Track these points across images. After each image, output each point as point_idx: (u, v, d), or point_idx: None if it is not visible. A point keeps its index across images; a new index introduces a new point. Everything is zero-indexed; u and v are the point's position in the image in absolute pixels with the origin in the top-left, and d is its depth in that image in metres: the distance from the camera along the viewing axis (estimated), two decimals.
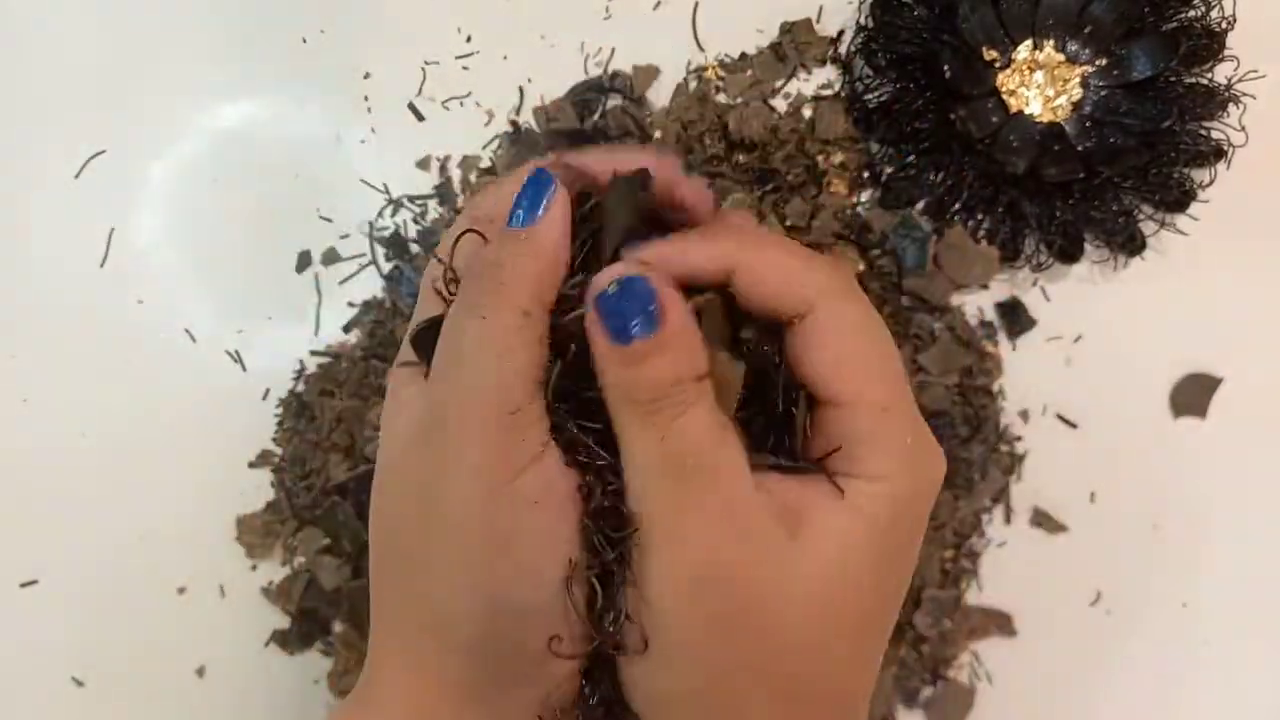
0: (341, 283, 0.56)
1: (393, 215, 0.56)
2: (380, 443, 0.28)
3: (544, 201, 0.26)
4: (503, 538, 0.25)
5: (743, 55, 0.58)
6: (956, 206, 0.54)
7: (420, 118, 0.57)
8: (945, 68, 0.52)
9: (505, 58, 0.58)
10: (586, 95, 0.56)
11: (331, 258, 0.56)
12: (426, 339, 0.28)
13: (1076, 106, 0.55)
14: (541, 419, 0.26)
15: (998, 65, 0.55)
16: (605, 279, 0.25)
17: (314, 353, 0.55)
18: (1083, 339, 0.55)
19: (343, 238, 0.56)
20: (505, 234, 0.26)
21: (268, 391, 0.55)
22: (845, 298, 0.27)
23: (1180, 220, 0.55)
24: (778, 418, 0.28)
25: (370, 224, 0.56)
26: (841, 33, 0.57)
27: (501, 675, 0.26)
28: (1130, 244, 0.54)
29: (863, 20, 0.56)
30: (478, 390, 0.25)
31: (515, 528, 0.25)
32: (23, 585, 0.54)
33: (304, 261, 0.56)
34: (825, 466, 0.27)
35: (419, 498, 0.26)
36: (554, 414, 0.26)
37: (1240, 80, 0.55)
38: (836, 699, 0.27)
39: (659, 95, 0.57)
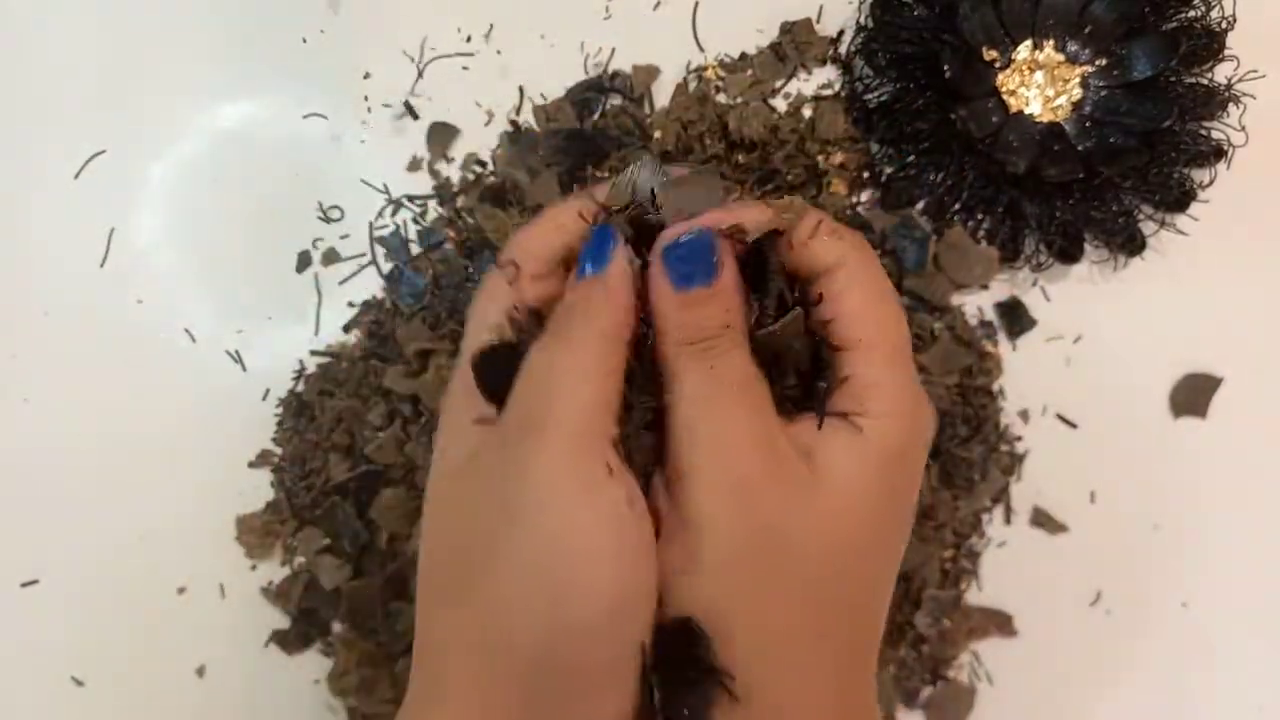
0: (341, 283, 0.56)
1: (393, 215, 0.56)
2: (436, 465, 0.30)
3: (609, 252, 0.29)
4: (579, 553, 0.26)
5: (743, 55, 0.58)
6: (956, 206, 0.54)
7: (418, 117, 0.57)
8: (945, 68, 0.52)
9: (505, 58, 0.58)
10: (586, 95, 0.56)
11: (331, 258, 0.56)
12: (490, 365, 0.29)
13: (1076, 106, 0.55)
14: (617, 444, 0.28)
15: (998, 65, 0.55)
16: (673, 234, 0.30)
17: (314, 353, 0.55)
18: (1083, 339, 0.55)
19: (343, 238, 0.56)
20: (581, 282, 0.29)
21: (267, 391, 0.55)
22: (870, 258, 0.31)
23: (1180, 220, 0.55)
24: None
25: (370, 224, 0.56)
26: (841, 32, 0.58)
27: (562, 695, 0.26)
28: (1130, 244, 0.54)
29: (863, 20, 0.56)
30: (567, 412, 0.27)
31: (591, 545, 0.26)
32: (23, 585, 0.54)
33: (304, 261, 0.56)
34: (839, 408, 0.30)
35: (487, 520, 0.26)
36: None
37: (1240, 80, 0.55)
38: (855, 614, 0.29)
39: (659, 95, 0.57)
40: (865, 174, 0.56)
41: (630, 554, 0.26)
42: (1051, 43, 0.56)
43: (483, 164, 0.57)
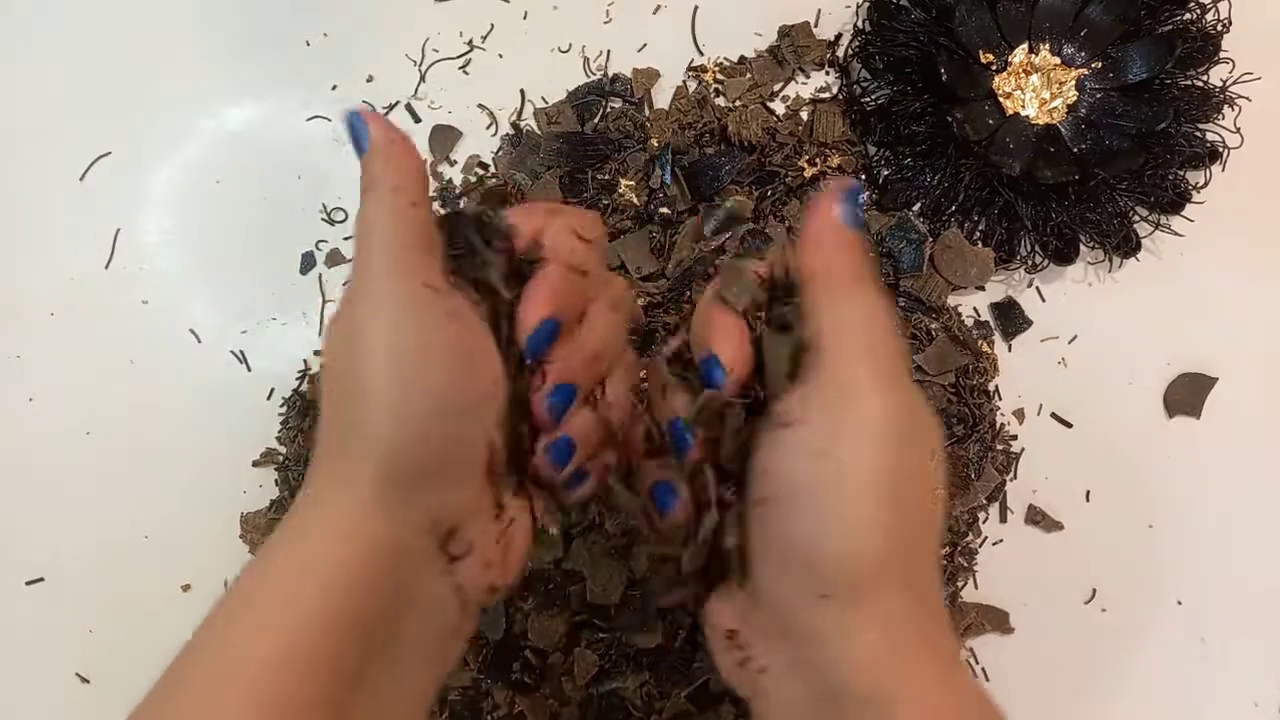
0: (345, 284, 0.56)
1: None
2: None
3: (364, 135, 0.34)
4: (420, 348, 0.30)
5: (741, 59, 0.58)
6: (953, 208, 0.55)
7: (420, 120, 0.58)
8: (942, 71, 0.52)
9: (507, 62, 0.58)
10: (587, 98, 0.57)
11: (335, 259, 0.57)
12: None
13: (1072, 109, 0.56)
14: (446, 273, 0.32)
15: (994, 68, 0.56)
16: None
17: (318, 352, 0.56)
18: (1078, 339, 0.56)
19: (346, 239, 0.57)
20: (363, 156, 0.34)
21: (272, 391, 0.56)
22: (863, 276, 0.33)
23: (1175, 221, 0.56)
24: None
25: None
26: (839, 36, 0.58)
27: (411, 484, 0.30)
28: (1125, 245, 0.55)
29: (860, 24, 0.56)
30: (376, 253, 0.31)
31: (437, 336, 0.30)
32: (29, 583, 0.54)
33: (308, 263, 0.57)
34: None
35: (342, 348, 0.31)
36: None
37: (1235, 83, 0.55)
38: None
39: (659, 98, 0.58)
40: (862, 176, 0.56)
41: (459, 354, 0.30)
42: (1047, 46, 0.56)
43: (485, 166, 0.57)
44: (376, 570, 0.29)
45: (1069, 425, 0.55)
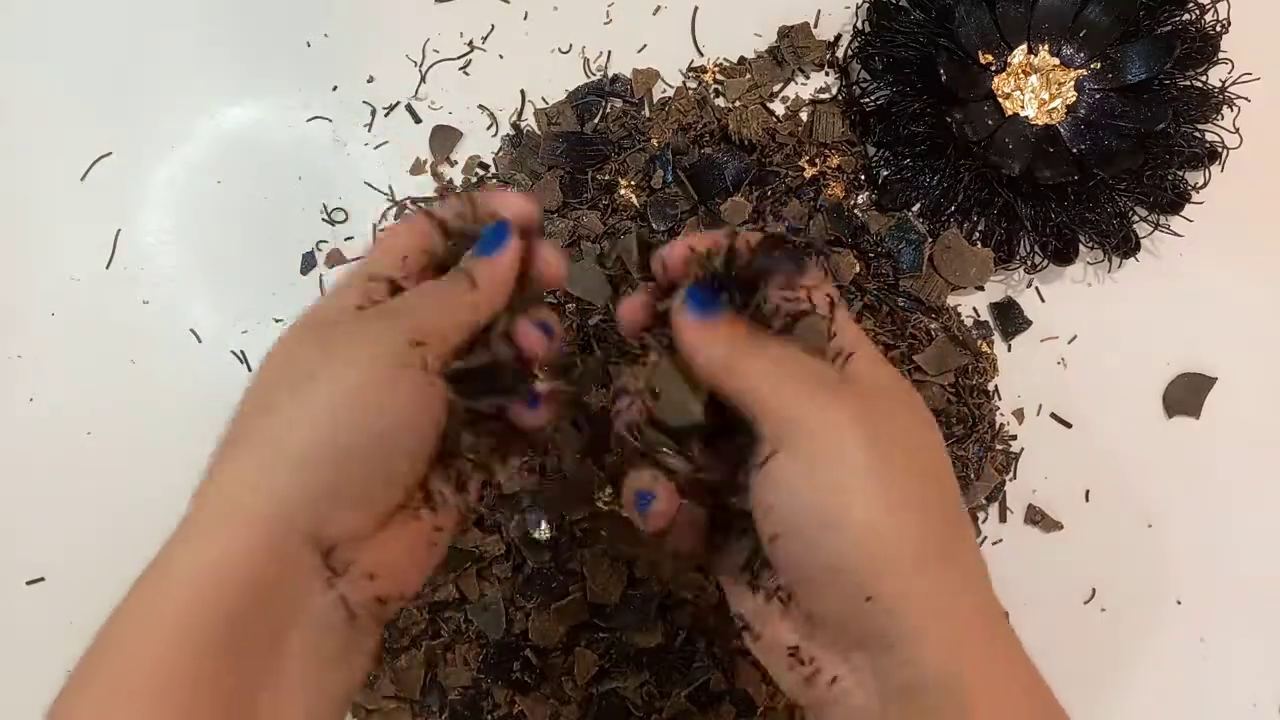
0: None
1: (396, 217, 0.57)
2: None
3: (505, 243, 0.35)
4: (371, 397, 0.31)
5: (741, 59, 0.58)
6: (952, 209, 0.55)
7: (421, 121, 0.58)
8: (941, 72, 0.52)
9: (507, 62, 0.59)
10: (587, 98, 0.57)
11: (336, 259, 0.57)
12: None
13: (1071, 109, 0.56)
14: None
15: (993, 69, 0.56)
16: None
17: None
18: (1077, 339, 0.56)
19: (347, 240, 0.57)
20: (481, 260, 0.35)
21: None
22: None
23: (1174, 222, 0.56)
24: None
25: (374, 226, 0.57)
26: (839, 37, 0.58)
27: (352, 487, 0.31)
28: (1124, 245, 0.55)
29: (860, 25, 0.56)
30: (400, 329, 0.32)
31: (382, 394, 0.31)
32: (29, 582, 0.54)
33: (308, 263, 0.57)
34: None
35: (308, 357, 0.32)
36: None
37: (1234, 83, 0.55)
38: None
39: (659, 98, 0.58)
40: (862, 176, 0.56)
41: (397, 407, 0.31)
42: (1046, 46, 0.56)
43: (485, 166, 0.57)
44: (252, 569, 0.29)
45: (1069, 425, 0.55)
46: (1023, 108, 0.55)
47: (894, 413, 0.31)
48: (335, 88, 0.58)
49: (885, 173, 0.56)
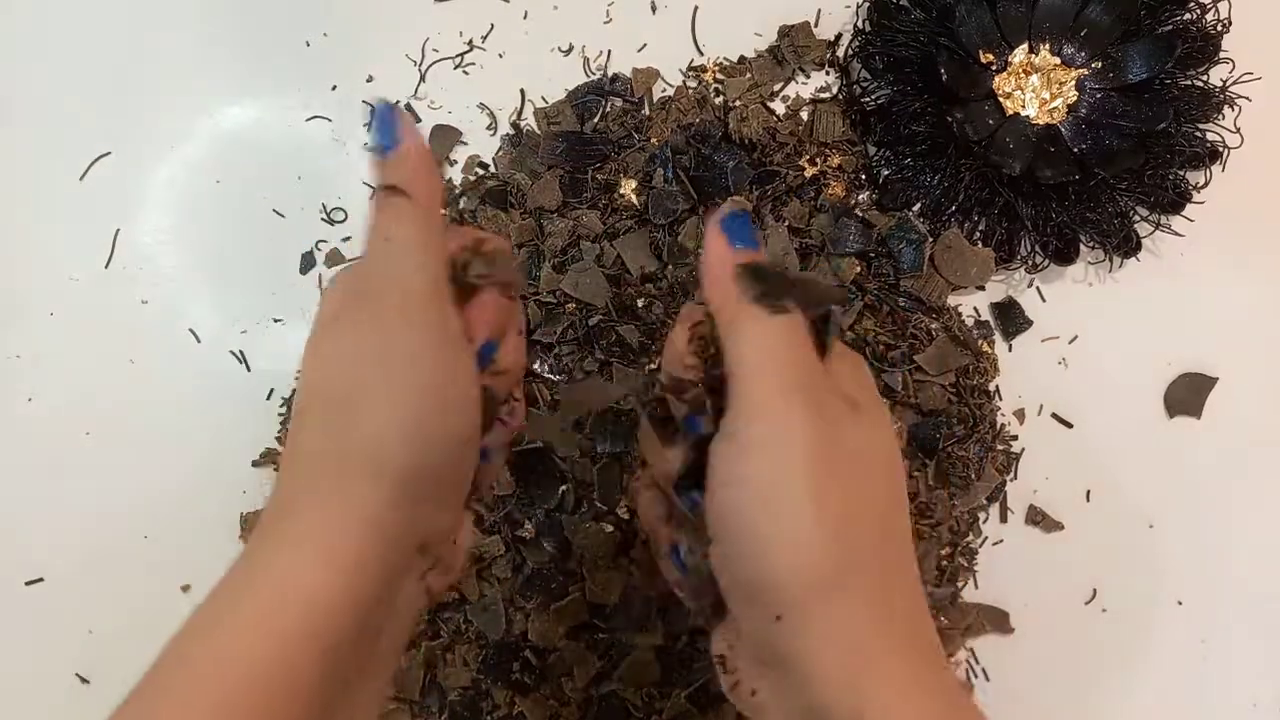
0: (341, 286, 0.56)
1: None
2: (317, 319, 0.33)
3: (396, 131, 0.32)
4: (447, 376, 0.30)
5: (741, 58, 0.58)
6: (953, 208, 0.55)
7: (420, 120, 0.58)
8: (942, 71, 0.52)
9: (507, 62, 0.58)
10: (587, 98, 0.57)
11: (335, 259, 0.57)
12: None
13: (1072, 109, 0.56)
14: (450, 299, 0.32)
15: (994, 68, 0.56)
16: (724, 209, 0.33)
17: None
18: (1078, 339, 0.56)
19: (345, 240, 0.57)
20: (389, 160, 0.32)
21: (271, 391, 0.56)
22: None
23: (1175, 221, 0.56)
24: None
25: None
26: (839, 36, 0.58)
27: (420, 500, 0.30)
28: (1125, 245, 0.55)
29: (860, 24, 0.56)
30: (416, 280, 0.31)
31: (457, 366, 0.31)
32: (28, 583, 0.54)
33: (308, 263, 0.57)
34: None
35: (365, 368, 0.30)
36: None
37: (1235, 82, 0.55)
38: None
39: (659, 98, 0.58)
40: (862, 176, 0.56)
41: (470, 394, 0.31)
42: (1047, 46, 0.56)
43: (484, 166, 0.57)
44: (362, 593, 0.28)
45: (1069, 425, 0.55)
46: (1024, 107, 0.55)
47: (858, 430, 0.31)
48: (335, 87, 0.58)
49: (886, 172, 0.56)
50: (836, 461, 0.29)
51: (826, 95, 0.58)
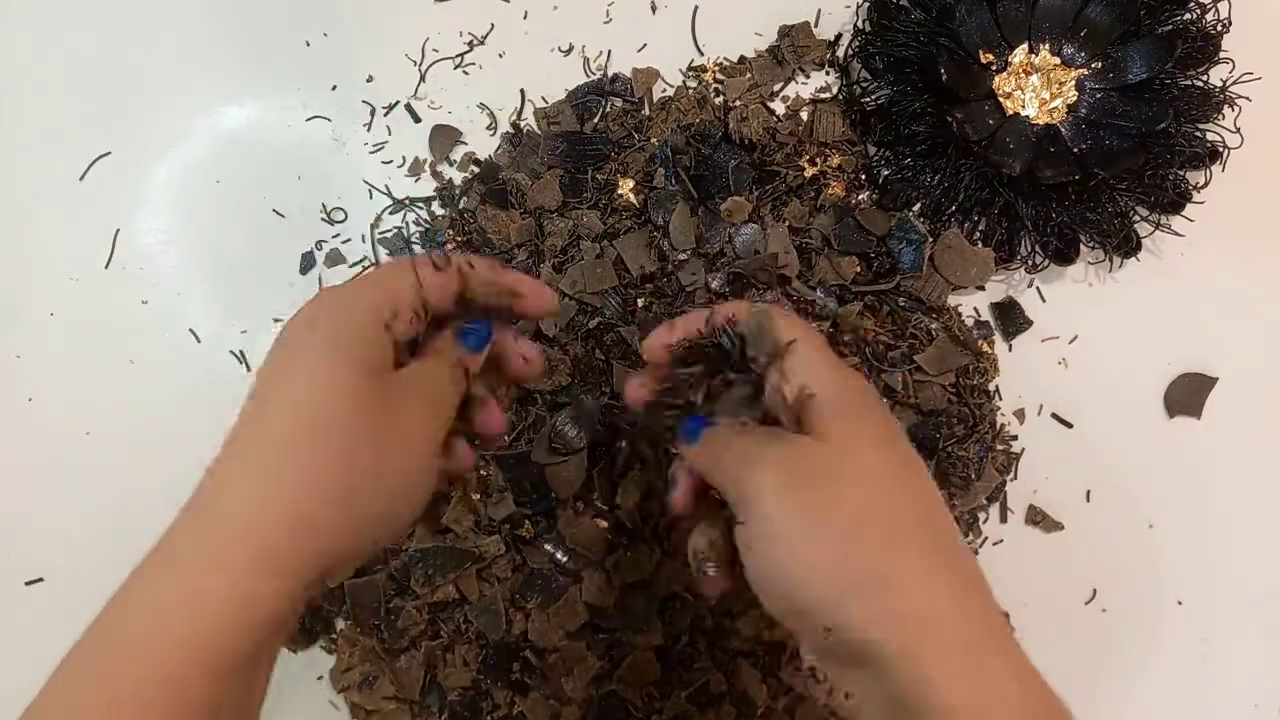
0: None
1: (395, 216, 0.57)
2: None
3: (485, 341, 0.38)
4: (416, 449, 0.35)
5: (741, 58, 0.58)
6: (953, 208, 0.55)
7: (420, 120, 0.58)
8: (942, 71, 0.52)
9: (507, 61, 0.58)
10: (587, 98, 0.57)
11: (335, 259, 0.57)
12: None
13: (1072, 109, 0.56)
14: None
15: (994, 68, 0.56)
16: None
17: None
18: (1078, 339, 0.56)
19: (345, 240, 0.57)
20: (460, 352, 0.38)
21: None
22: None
23: (1175, 221, 0.56)
24: None
25: (372, 225, 0.57)
26: (839, 36, 0.58)
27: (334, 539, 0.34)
28: (1125, 245, 0.55)
29: (860, 24, 0.56)
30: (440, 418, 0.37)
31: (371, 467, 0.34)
32: (29, 583, 0.54)
33: (308, 263, 0.57)
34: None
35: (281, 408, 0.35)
36: None
37: (1235, 83, 0.55)
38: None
39: (658, 98, 0.58)
40: (862, 176, 0.56)
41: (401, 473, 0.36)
42: (1047, 46, 0.56)
43: (479, 163, 0.57)
44: (241, 647, 0.32)
45: (1069, 425, 0.55)
46: (1023, 107, 0.55)
47: (841, 458, 0.34)
48: (335, 87, 0.58)
49: (886, 172, 0.56)
50: (817, 492, 0.33)
51: (826, 95, 0.58)
